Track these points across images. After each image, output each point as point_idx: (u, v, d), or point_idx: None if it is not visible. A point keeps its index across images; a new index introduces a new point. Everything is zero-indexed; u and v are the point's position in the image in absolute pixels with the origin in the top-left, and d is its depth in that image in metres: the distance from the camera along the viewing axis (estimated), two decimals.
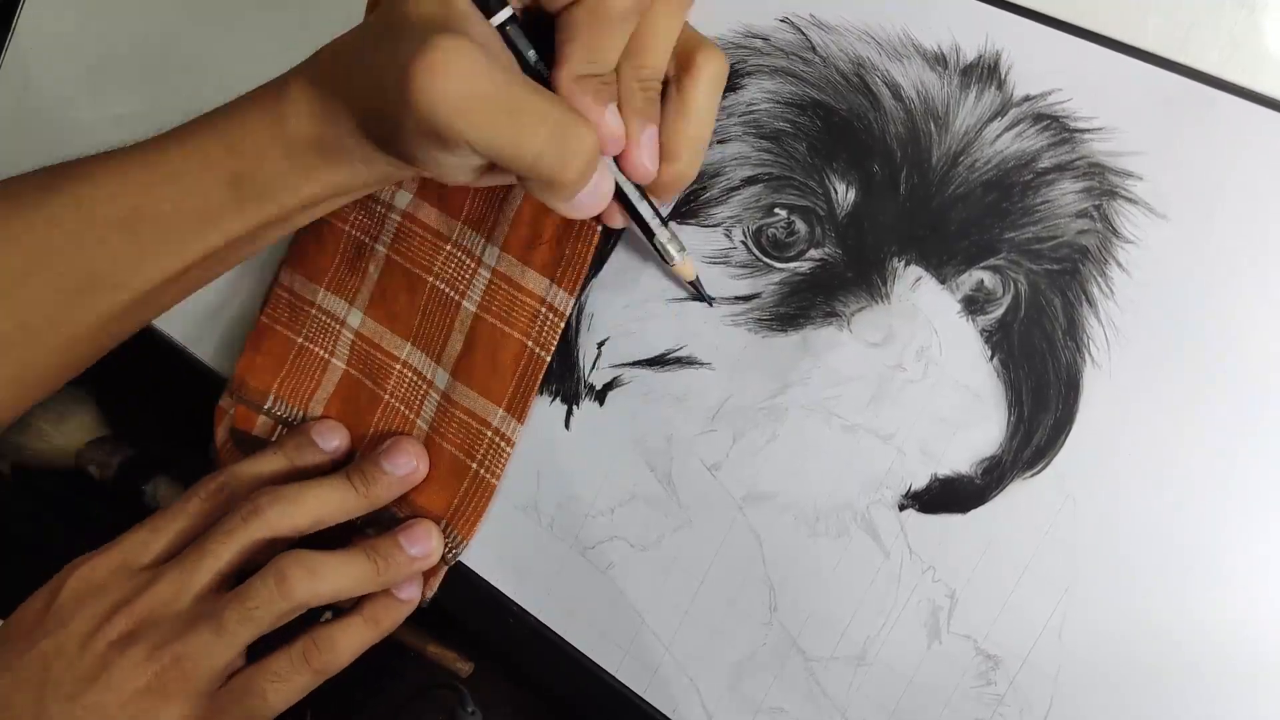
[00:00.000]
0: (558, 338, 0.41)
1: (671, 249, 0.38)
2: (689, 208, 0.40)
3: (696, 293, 0.40)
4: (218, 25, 0.54)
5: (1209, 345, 0.33)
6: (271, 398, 0.48)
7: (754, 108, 0.39)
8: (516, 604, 0.44)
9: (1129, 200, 0.34)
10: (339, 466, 0.46)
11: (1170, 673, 0.33)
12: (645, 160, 0.36)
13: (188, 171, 0.37)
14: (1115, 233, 0.34)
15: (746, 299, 0.39)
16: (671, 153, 0.36)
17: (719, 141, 0.40)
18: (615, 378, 0.42)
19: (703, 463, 0.40)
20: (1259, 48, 0.33)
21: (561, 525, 0.43)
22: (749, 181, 0.39)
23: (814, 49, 0.38)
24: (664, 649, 0.41)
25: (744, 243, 0.39)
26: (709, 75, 0.35)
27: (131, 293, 0.38)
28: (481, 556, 0.45)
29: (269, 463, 0.45)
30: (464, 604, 0.45)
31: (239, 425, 0.49)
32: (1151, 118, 0.34)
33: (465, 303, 0.43)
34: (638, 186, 0.37)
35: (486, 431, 0.43)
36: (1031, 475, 0.35)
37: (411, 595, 0.43)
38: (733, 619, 0.40)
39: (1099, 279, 0.34)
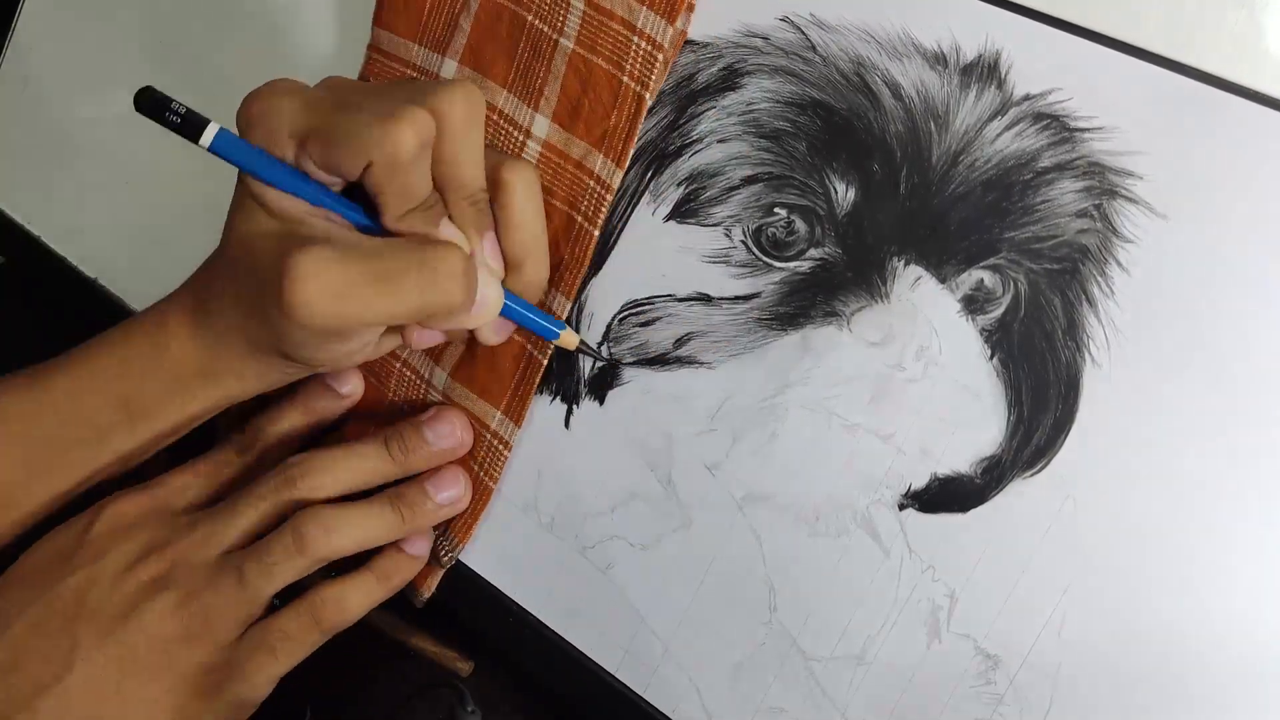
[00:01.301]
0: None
1: (573, 346, 0.41)
2: (689, 207, 0.40)
3: (590, 354, 0.42)
4: (217, 24, 0.54)
5: (1209, 344, 0.33)
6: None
7: (754, 107, 0.39)
8: (516, 604, 0.44)
9: (1129, 200, 0.34)
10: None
11: (1170, 672, 0.33)
12: (492, 263, 0.38)
13: (75, 397, 0.39)
14: (1115, 232, 0.34)
15: (746, 298, 0.39)
16: (516, 261, 0.39)
17: (719, 141, 0.40)
18: (615, 377, 0.42)
19: (703, 462, 0.40)
20: (1260, 47, 0.33)
21: (561, 525, 0.43)
22: (749, 181, 0.39)
23: (814, 48, 0.38)
24: (664, 649, 0.41)
25: (744, 242, 0.39)
26: (521, 186, 0.38)
27: (20, 512, 0.40)
28: (481, 556, 0.45)
29: (291, 418, 0.45)
30: (464, 604, 0.45)
31: None
32: (1152, 117, 0.34)
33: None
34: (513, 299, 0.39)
35: (485, 434, 0.43)
36: (1031, 475, 0.35)
37: (421, 551, 0.43)
38: (733, 619, 0.40)
39: (1099, 278, 0.34)
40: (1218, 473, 0.33)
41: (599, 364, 0.42)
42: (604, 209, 0.41)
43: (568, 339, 0.40)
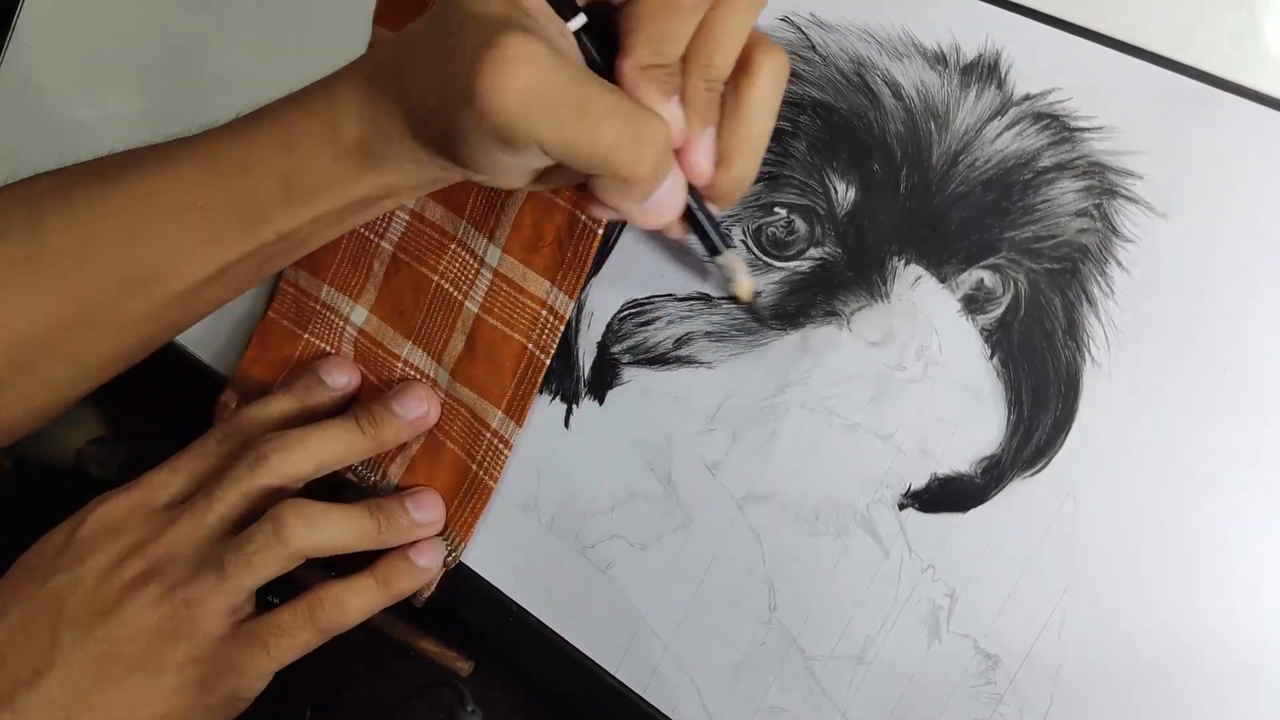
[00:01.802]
0: (558, 340, 0.42)
1: (735, 266, 0.37)
2: None
3: (751, 312, 0.39)
4: (218, 24, 0.54)
5: (1209, 344, 0.33)
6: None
7: None
8: (516, 603, 0.44)
9: (1129, 199, 0.34)
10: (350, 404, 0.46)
11: (1170, 671, 0.33)
12: (702, 161, 0.34)
13: (239, 168, 0.37)
14: (1115, 231, 0.34)
15: None
16: (728, 157, 0.35)
17: None
18: (615, 377, 0.42)
19: (702, 462, 0.40)
20: (1260, 47, 0.33)
21: (561, 524, 0.43)
22: None
23: (814, 48, 0.38)
24: (664, 648, 0.41)
25: (744, 242, 0.39)
26: (768, 74, 0.34)
27: (186, 281, 0.39)
28: (481, 556, 0.45)
29: (279, 404, 0.45)
30: (464, 603, 0.45)
31: None
32: (1152, 117, 0.34)
33: (468, 303, 0.43)
34: (698, 199, 0.36)
35: (485, 433, 0.43)
36: (1031, 474, 0.35)
37: (430, 563, 0.43)
38: (733, 618, 0.40)
39: (1099, 278, 0.34)
40: (1217, 472, 0.33)
41: (751, 311, 0.39)
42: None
43: (743, 288, 0.38)
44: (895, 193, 0.37)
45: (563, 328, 0.41)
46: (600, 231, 0.40)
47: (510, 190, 0.40)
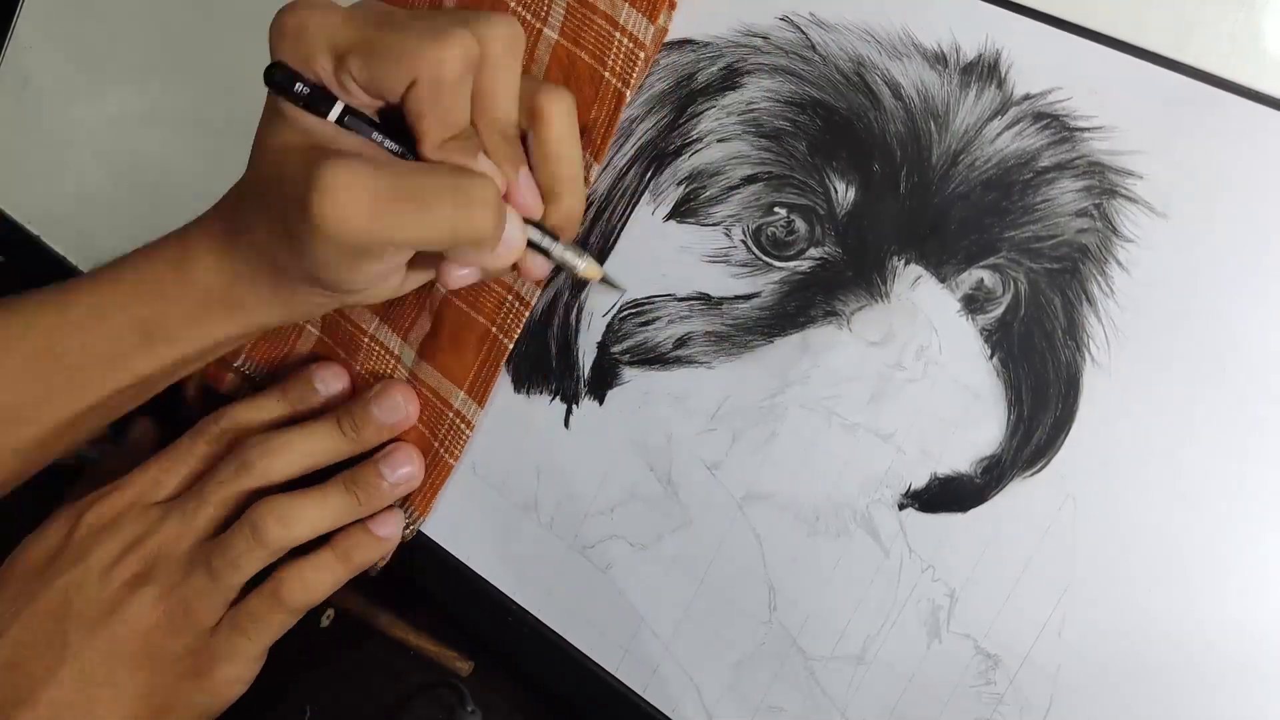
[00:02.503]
0: (521, 325, 0.42)
1: (570, 257, 0.39)
2: (689, 207, 0.40)
3: (612, 286, 0.41)
4: (218, 24, 0.54)
5: (1209, 344, 0.33)
6: (242, 357, 0.48)
7: (754, 106, 0.39)
8: (516, 603, 0.44)
9: (1129, 199, 0.34)
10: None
11: (1170, 671, 0.33)
12: (528, 197, 0.37)
13: (95, 316, 0.39)
14: (1115, 231, 0.34)
15: (746, 298, 0.39)
16: (553, 194, 0.38)
17: (719, 140, 0.40)
18: (615, 377, 0.42)
19: (702, 462, 0.40)
20: (1259, 47, 0.33)
21: (561, 524, 0.43)
22: (749, 180, 0.39)
23: (814, 48, 0.38)
24: (664, 648, 0.41)
25: (744, 242, 0.39)
26: (558, 115, 0.37)
27: (43, 427, 0.40)
28: (481, 556, 0.45)
29: (268, 408, 0.45)
30: (464, 603, 0.45)
31: (209, 381, 0.49)
32: (1152, 117, 0.34)
33: (436, 284, 0.43)
34: (536, 225, 0.38)
35: (448, 412, 0.44)
36: (1031, 474, 0.35)
37: (389, 533, 0.44)
38: (732, 618, 0.40)
39: (1099, 278, 0.34)
40: (1217, 471, 0.33)
41: (617, 305, 0.41)
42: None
43: (590, 271, 0.39)
44: (895, 193, 0.37)
45: (527, 313, 0.42)
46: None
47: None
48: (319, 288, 0.37)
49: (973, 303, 0.36)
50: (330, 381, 0.46)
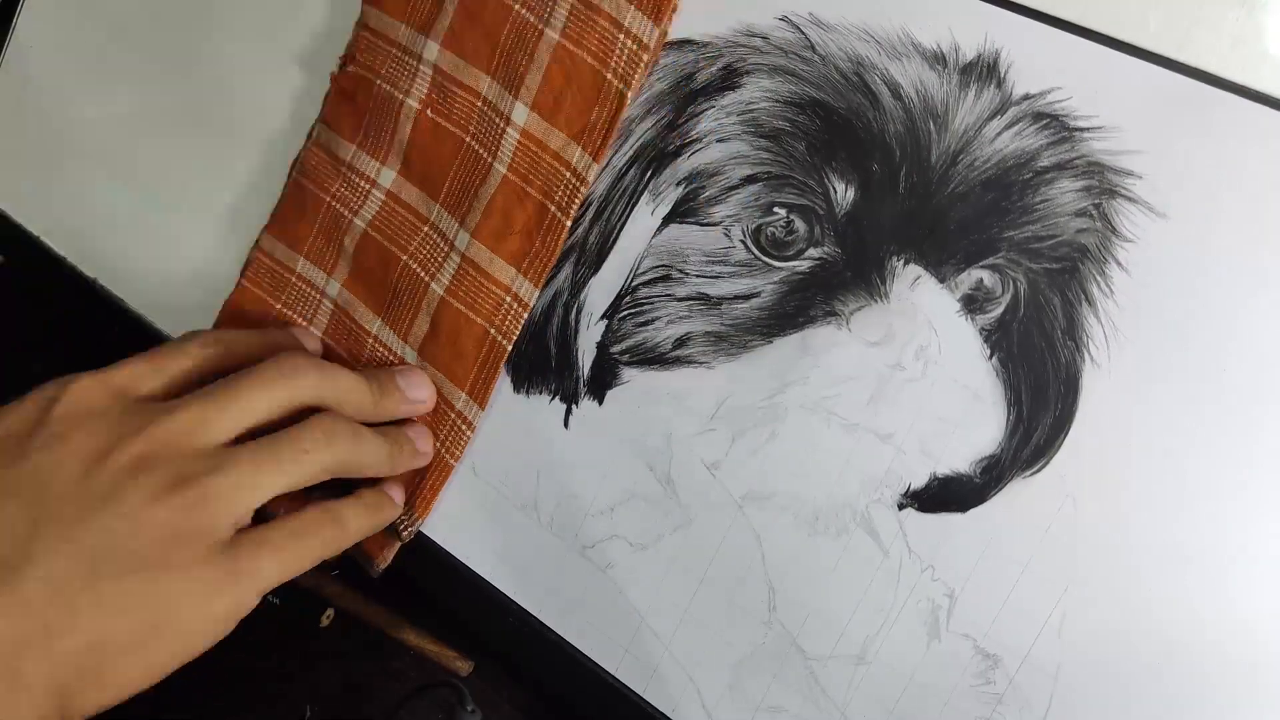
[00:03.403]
0: (519, 327, 0.42)
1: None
2: (688, 207, 0.40)
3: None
4: (218, 25, 0.54)
5: (1208, 344, 0.33)
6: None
7: (753, 106, 0.39)
8: (516, 603, 0.44)
9: (1128, 199, 0.34)
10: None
11: (1170, 671, 0.33)
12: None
13: None
14: (1115, 231, 0.34)
15: (745, 298, 0.39)
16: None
17: (718, 140, 0.40)
18: (615, 377, 0.42)
19: (702, 462, 0.40)
20: (1259, 47, 0.33)
21: (561, 524, 0.43)
22: (748, 180, 0.39)
23: (813, 47, 0.38)
24: (664, 648, 0.41)
25: (743, 241, 0.39)
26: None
27: None
28: (481, 556, 0.45)
29: (249, 342, 0.41)
30: (464, 603, 0.45)
31: None
32: (1151, 117, 0.34)
33: (434, 285, 0.44)
34: None
35: (450, 413, 0.44)
36: (1031, 474, 0.35)
37: (400, 498, 0.44)
38: (732, 618, 0.40)
39: (1098, 278, 0.34)
40: (1217, 471, 0.33)
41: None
42: (577, 200, 0.41)
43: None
44: (894, 193, 0.37)
45: (526, 315, 0.42)
46: (568, 223, 0.41)
47: (484, 174, 0.41)
48: None
49: (972, 303, 0.36)
50: (418, 388, 0.44)
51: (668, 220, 0.40)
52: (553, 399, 0.43)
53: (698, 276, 0.40)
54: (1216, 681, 0.33)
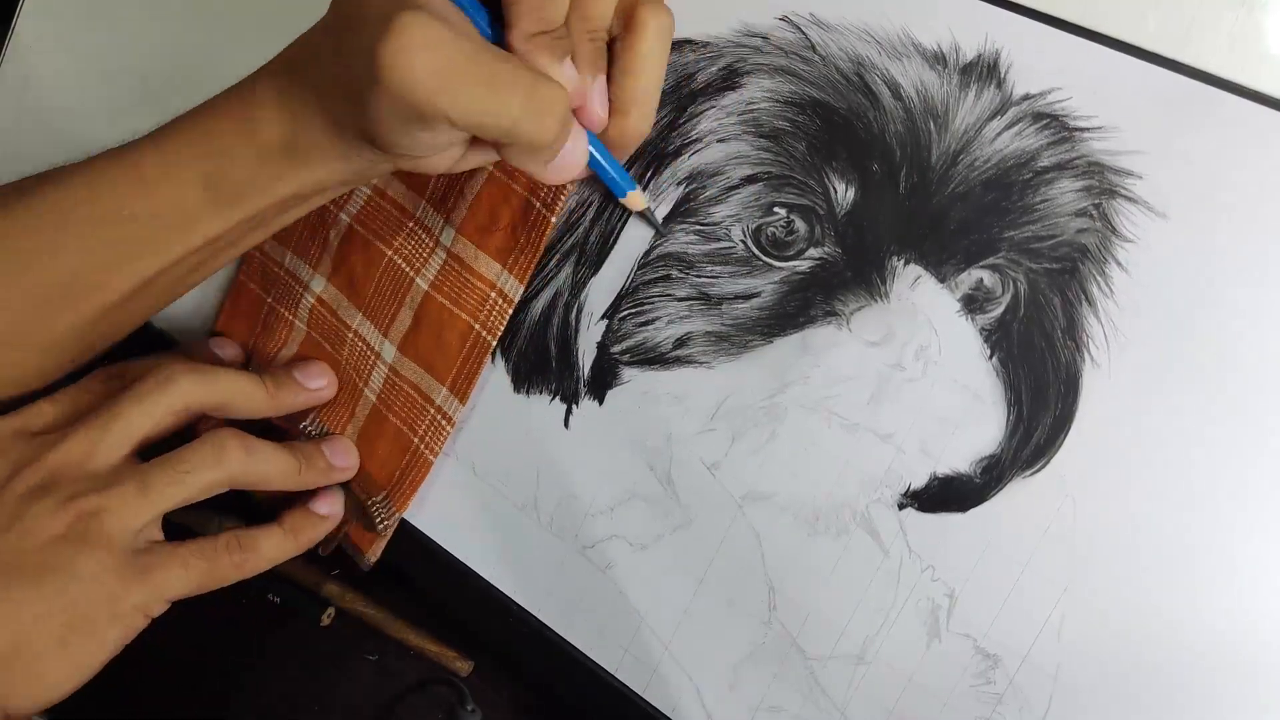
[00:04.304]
0: (504, 323, 0.42)
1: (638, 206, 0.39)
2: (688, 207, 0.40)
3: (649, 223, 0.41)
4: (219, 25, 0.54)
5: (1208, 344, 0.33)
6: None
7: (753, 106, 0.39)
8: (516, 603, 0.44)
9: (1128, 199, 0.34)
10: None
11: (1169, 671, 0.33)
12: (598, 109, 0.36)
13: (161, 175, 0.37)
14: (1115, 231, 0.34)
15: (745, 298, 0.39)
16: (621, 107, 0.36)
17: (719, 140, 0.40)
18: (615, 377, 0.42)
19: (702, 462, 0.40)
20: (1259, 47, 0.33)
21: (561, 524, 0.43)
22: (748, 180, 0.39)
23: (813, 48, 0.38)
24: (663, 648, 0.41)
25: (743, 241, 0.39)
26: (653, 29, 0.35)
27: (113, 294, 0.38)
28: (481, 556, 0.45)
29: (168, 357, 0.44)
30: (464, 603, 0.45)
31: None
32: (1151, 117, 0.34)
33: (419, 280, 0.44)
34: (599, 146, 0.37)
35: (429, 409, 0.44)
36: (1031, 474, 0.35)
37: (330, 511, 0.44)
38: (732, 618, 0.40)
39: (1098, 278, 0.34)
40: (1217, 471, 0.33)
41: (655, 238, 0.41)
42: (564, 195, 0.41)
43: (634, 199, 0.39)
44: (894, 193, 0.37)
45: (510, 311, 0.42)
46: (554, 219, 0.41)
47: (445, 173, 0.39)
48: (373, 146, 0.35)
49: (972, 303, 0.36)
50: (310, 376, 0.46)
51: (668, 220, 0.41)
52: (553, 399, 0.43)
53: (698, 276, 0.40)
54: (1216, 681, 0.33)
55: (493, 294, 0.42)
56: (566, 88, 0.34)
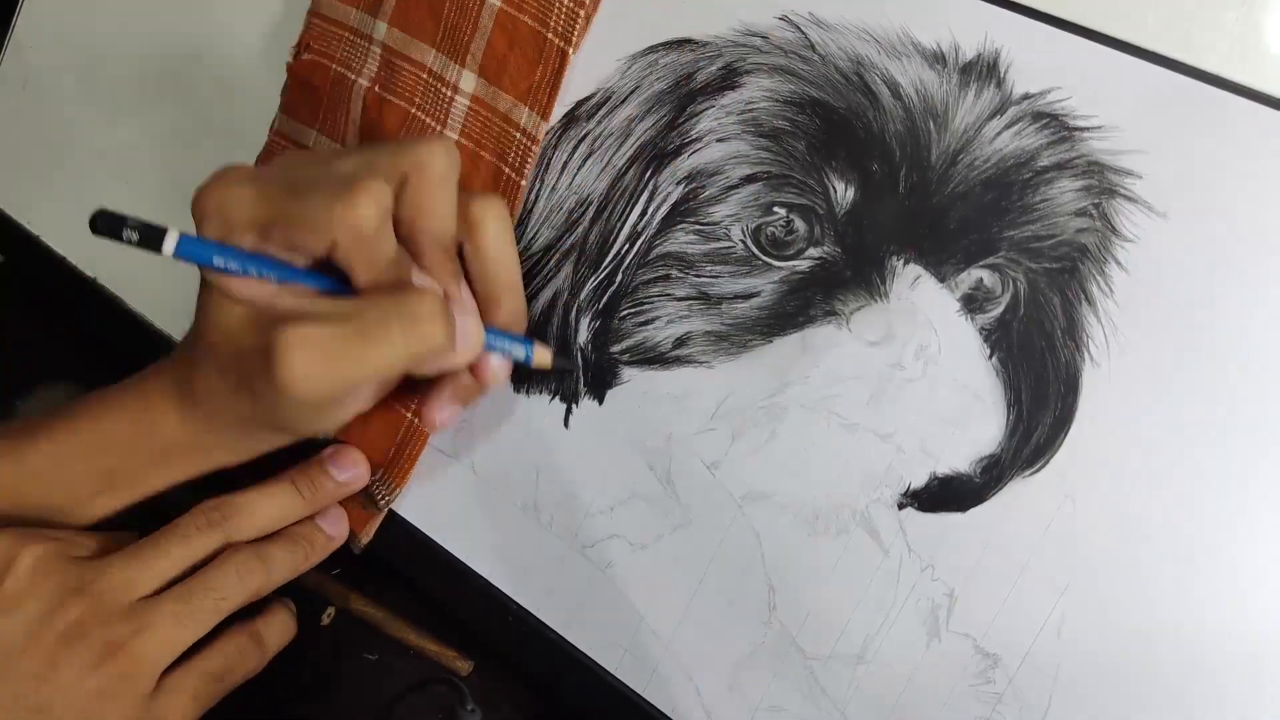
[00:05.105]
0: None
1: (544, 363, 0.40)
2: (688, 206, 0.40)
3: (564, 370, 0.42)
4: (218, 25, 0.54)
5: (1208, 343, 0.33)
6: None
7: (753, 106, 0.39)
8: (516, 603, 0.44)
9: (1128, 199, 0.34)
10: None
11: (1169, 671, 0.33)
12: (466, 302, 0.38)
13: (56, 467, 0.39)
14: (1114, 231, 0.34)
15: (745, 297, 0.39)
16: (494, 300, 0.39)
17: (718, 140, 0.40)
18: (615, 376, 0.42)
19: (702, 461, 0.40)
20: (1259, 46, 0.33)
21: (561, 524, 0.43)
22: (748, 180, 0.39)
23: (813, 47, 0.38)
24: (663, 648, 0.41)
25: (743, 241, 0.39)
26: (494, 223, 0.38)
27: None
28: (481, 556, 0.45)
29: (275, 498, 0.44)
30: (464, 603, 0.45)
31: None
32: (1151, 116, 0.34)
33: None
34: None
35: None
36: (1030, 474, 0.35)
37: (337, 533, 0.44)
38: (732, 618, 0.40)
39: (1098, 277, 0.34)
40: (1217, 471, 0.33)
41: (575, 374, 0.42)
42: (530, 160, 0.42)
43: (540, 357, 0.40)
44: (894, 192, 0.37)
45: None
46: (524, 183, 0.42)
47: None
48: (286, 434, 0.39)
49: (972, 302, 0.36)
50: (343, 467, 0.45)
51: (668, 220, 0.41)
52: (553, 399, 0.43)
53: (697, 276, 0.40)
54: (1217, 681, 0.33)
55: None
56: (430, 288, 0.36)
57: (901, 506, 0.37)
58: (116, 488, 0.40)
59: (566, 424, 0.43)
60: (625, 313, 0.41)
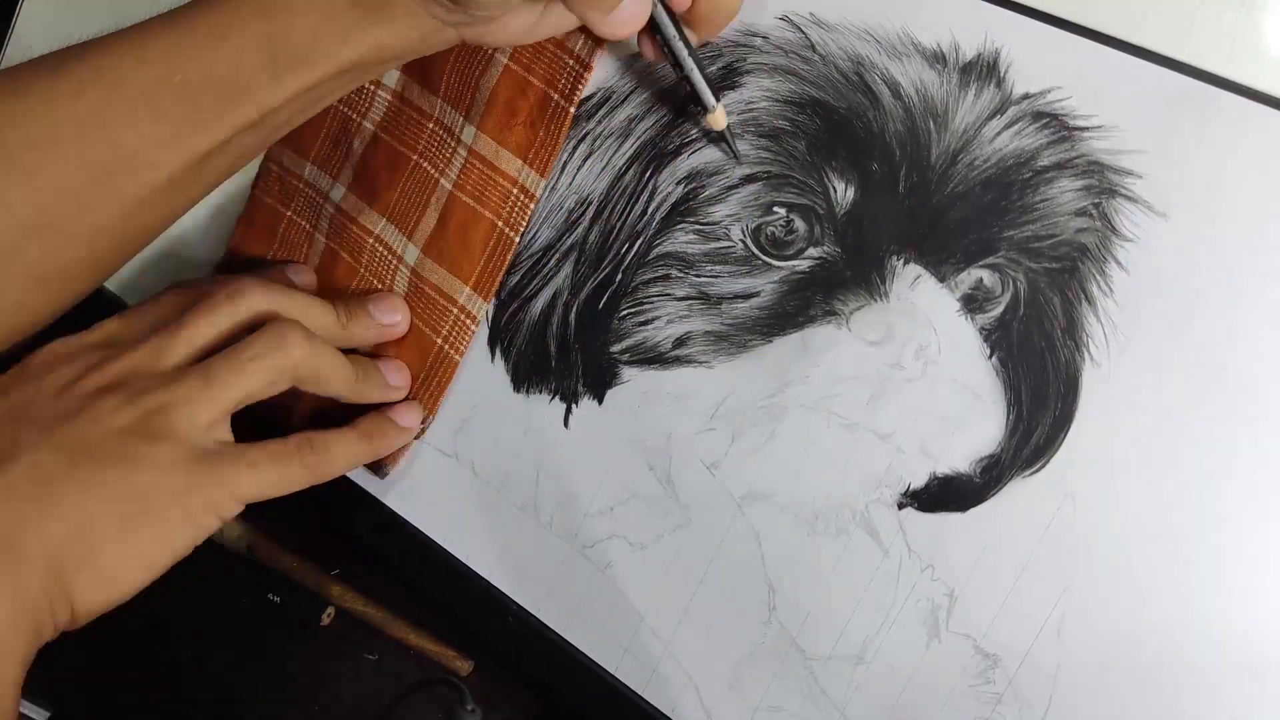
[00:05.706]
0: (527, 219, 0.42)
1: (698, 79, 0.37)
2: (688, 206, 0.40)
3: (728, 147, 0.39)
4: None
5: (1208, 343, 0.33)
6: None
7: (753, 106, 0.39)
8: (516, 603, 0.44)
9: (1128, 198, 0.34)
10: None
11: (1168, 671, 0.33)
12: None
13: (217, 36, 0.35)
14: (1114, 231, 0.34)
15: (745, 297, 0.39)
16: None
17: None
18: (614, 376, 0.42)
19: (702, 461, 0.40)
20: (1258, 46, 0.33)
21: (561, 524, 0.43)
22: (748, 180, 0.39)
23: (813, 47, 0.38)
24: (663, 648, 0.41)
25: (743, 241, 0.39)
26: None
27: (159, 174, 0.36)
28: (481, 556, 0.45)
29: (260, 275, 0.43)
30: (464, 603, 0.45)
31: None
32: (1151, 116, 0.34)
33: (443, 180, 0.44)
34: (675, 23, 0.36)
35: (452, 309, 0.44)
36: (1030, 474, 0.35)
37: (410, 423, 0.44)
38: (732, 618, 0.40)
39: (1098, 277, 0.34)
40: (1216, 471, 0.33)
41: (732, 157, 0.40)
42: (581, 86, 0.41)
43: (716, 119, 0.38)
44: (894, 192, 0.37)
45: (533, 206, 0.42)
46: (573, 110, 0.41)
47: (514, 42, 0.39)
48: (446, 4, 0.34)
49: (972, 302, 0.36)
50: (386, 310, 0.44)
51: (668, 220, 0.41)
52: (553, 399, 0.43)
53: (697, 276, 0.40)
54: (1216, 681, 0.33)
55: (515, 190, 0.42)
56: None
57: (901, 506, 0.37)
58: (278, 63, 0.35)
59: (566, 424, 0.43)
60: (625, 312, 0.41)
